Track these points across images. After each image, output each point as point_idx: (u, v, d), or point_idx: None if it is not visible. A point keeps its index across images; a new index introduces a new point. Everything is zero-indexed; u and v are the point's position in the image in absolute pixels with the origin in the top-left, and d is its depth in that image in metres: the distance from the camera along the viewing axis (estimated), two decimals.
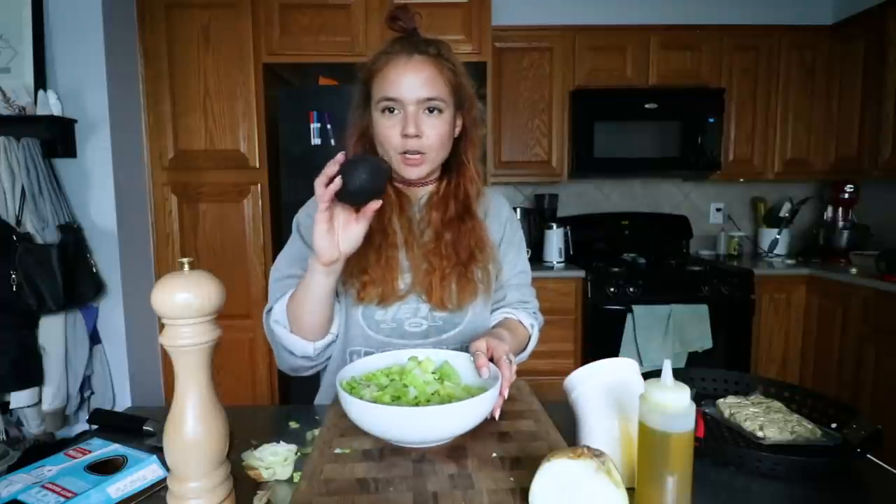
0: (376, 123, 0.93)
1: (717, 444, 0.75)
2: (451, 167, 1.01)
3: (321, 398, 1.05)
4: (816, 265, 2.70)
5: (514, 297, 1.07)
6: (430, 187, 1.02)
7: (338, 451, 0.67)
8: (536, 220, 2.96)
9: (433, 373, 0.79)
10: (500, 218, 1.07)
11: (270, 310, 0.94)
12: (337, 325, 0.96)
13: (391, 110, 0.90)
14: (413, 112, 0.89)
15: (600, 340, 2.52)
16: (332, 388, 0.98)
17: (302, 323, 0.89)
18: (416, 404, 0.72)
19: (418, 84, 0.89)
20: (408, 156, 0.92)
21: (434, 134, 0.91)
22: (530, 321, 1.04)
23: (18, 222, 1.86)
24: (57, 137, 2.01)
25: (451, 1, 2.41)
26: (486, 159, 2.64)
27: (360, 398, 0.69)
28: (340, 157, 0.76)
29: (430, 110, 0.90)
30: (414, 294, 0.97)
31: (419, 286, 0.96)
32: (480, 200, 1.02)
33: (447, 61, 0.92)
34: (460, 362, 0.81)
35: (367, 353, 0.96)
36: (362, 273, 0.94)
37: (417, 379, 0.76)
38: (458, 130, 0.98)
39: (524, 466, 0.63)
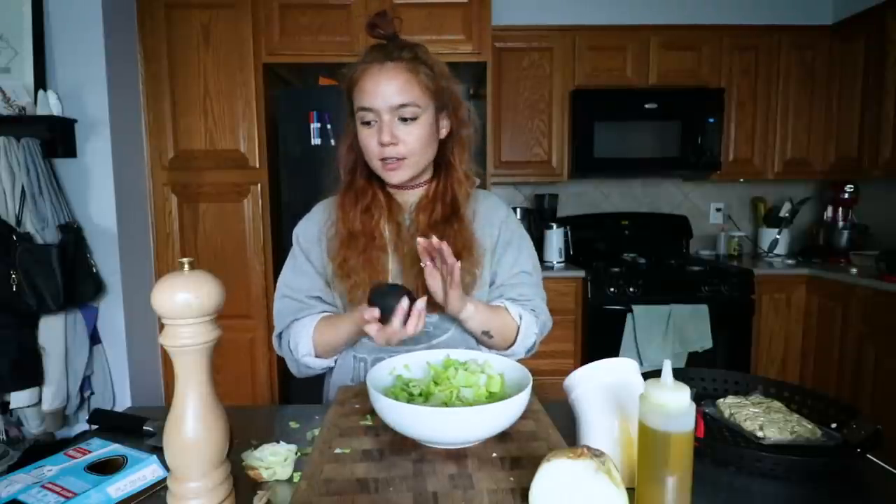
0: (358, 133, 0.95)
1: (717, 444, 0.75)
2: (439, 169, 1.01)
3: (328, 398, 1.07)
4: (816, 265, 2.70)
5: (510, 295, 1.03)
6: (421, 191, 1.02)
7: (338, 451, 0.67)
8: (536, 220, 2.96)
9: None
10: (494, 220, 1.04)
11: (280, 334, 1.01)
12: None
13: (368, 122, 0.92)
14: (388, 121, 0.91)
15: (600, 340, 2.52)
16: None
17: (329, 352, 0.99)
18: (445, 405, 0.72)
19: (391, 92, 0.90)
20: (387, 162, 0.93)
21: (412, 139, 0.92)
22: (518, 311, 0.99)
23: (18, 222, 1.86)
24: (57, 137, 2.01)
25: (451, 1, 2.40)
26: (485, 159, 2.64)
27: (395, 399, 0.70)
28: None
29: (405, 118, 0.91)
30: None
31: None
32: (470, 202, 1.02)
33: (423, 65, 0.93)
34: (497, 363, 0.81)
35: (359, 359, 1.00)
36: (348, 276, 0.95)
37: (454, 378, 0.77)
38: (444, 132, 0.99)
39: (524, 466, 0.63)
